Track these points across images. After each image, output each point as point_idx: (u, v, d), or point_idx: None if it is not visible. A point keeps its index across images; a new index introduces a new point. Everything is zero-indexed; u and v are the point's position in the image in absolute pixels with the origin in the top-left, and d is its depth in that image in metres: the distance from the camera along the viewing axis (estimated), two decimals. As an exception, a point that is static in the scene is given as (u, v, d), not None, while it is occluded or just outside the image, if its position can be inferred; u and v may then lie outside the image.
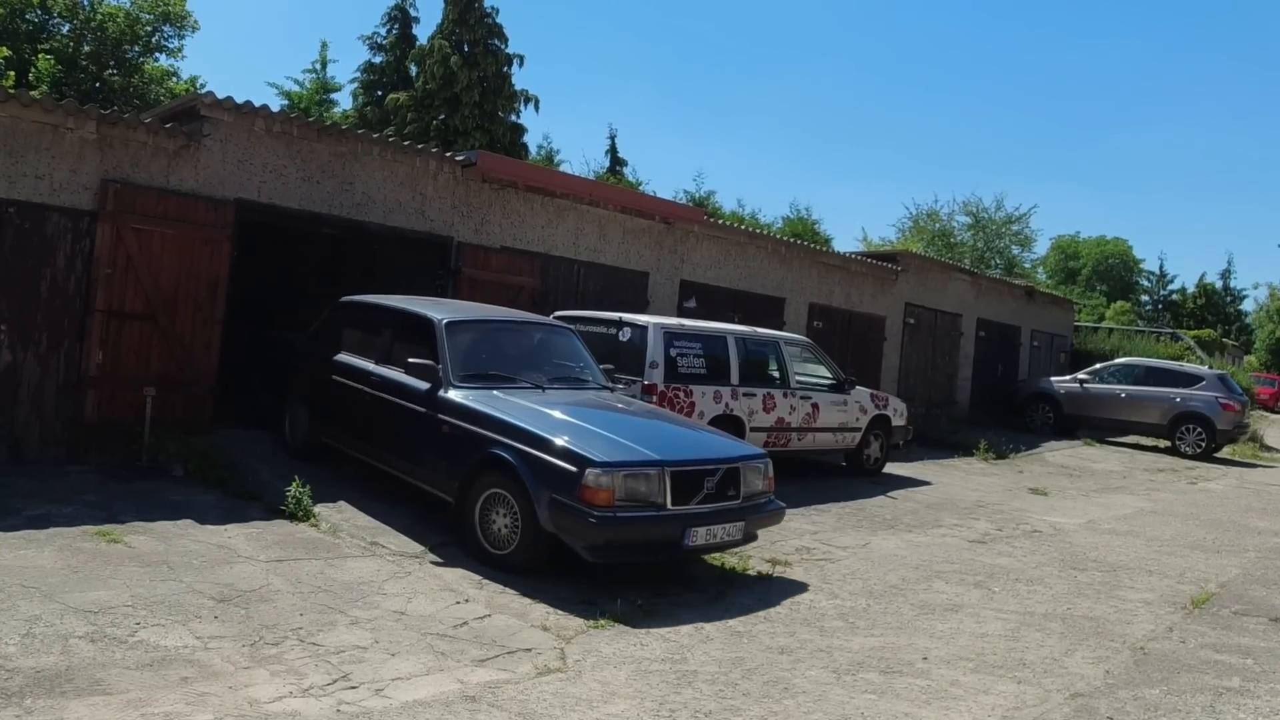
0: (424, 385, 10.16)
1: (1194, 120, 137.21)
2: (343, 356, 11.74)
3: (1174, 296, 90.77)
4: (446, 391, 9.94)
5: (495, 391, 10.03)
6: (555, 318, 14.45)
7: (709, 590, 9.08)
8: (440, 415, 9.86)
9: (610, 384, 11.57)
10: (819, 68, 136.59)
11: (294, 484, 10.39)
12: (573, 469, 8.54)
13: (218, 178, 12.66)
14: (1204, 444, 25.57)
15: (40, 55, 32.20)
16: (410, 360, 10.24)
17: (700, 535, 8.88)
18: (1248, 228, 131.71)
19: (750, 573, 9.81)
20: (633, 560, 8.94)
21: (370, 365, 11.18)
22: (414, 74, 46.60)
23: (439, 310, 11.02)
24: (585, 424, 9.42)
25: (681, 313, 18.45)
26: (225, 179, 12.72)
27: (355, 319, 12.23)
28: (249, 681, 5.98)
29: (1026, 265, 61.41)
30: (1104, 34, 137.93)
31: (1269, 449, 29.92)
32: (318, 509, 10.31)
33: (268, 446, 12.71)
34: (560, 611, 8.01)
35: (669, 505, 8.74)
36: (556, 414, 9.52)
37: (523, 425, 9.15)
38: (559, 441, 8.79)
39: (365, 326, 11.99)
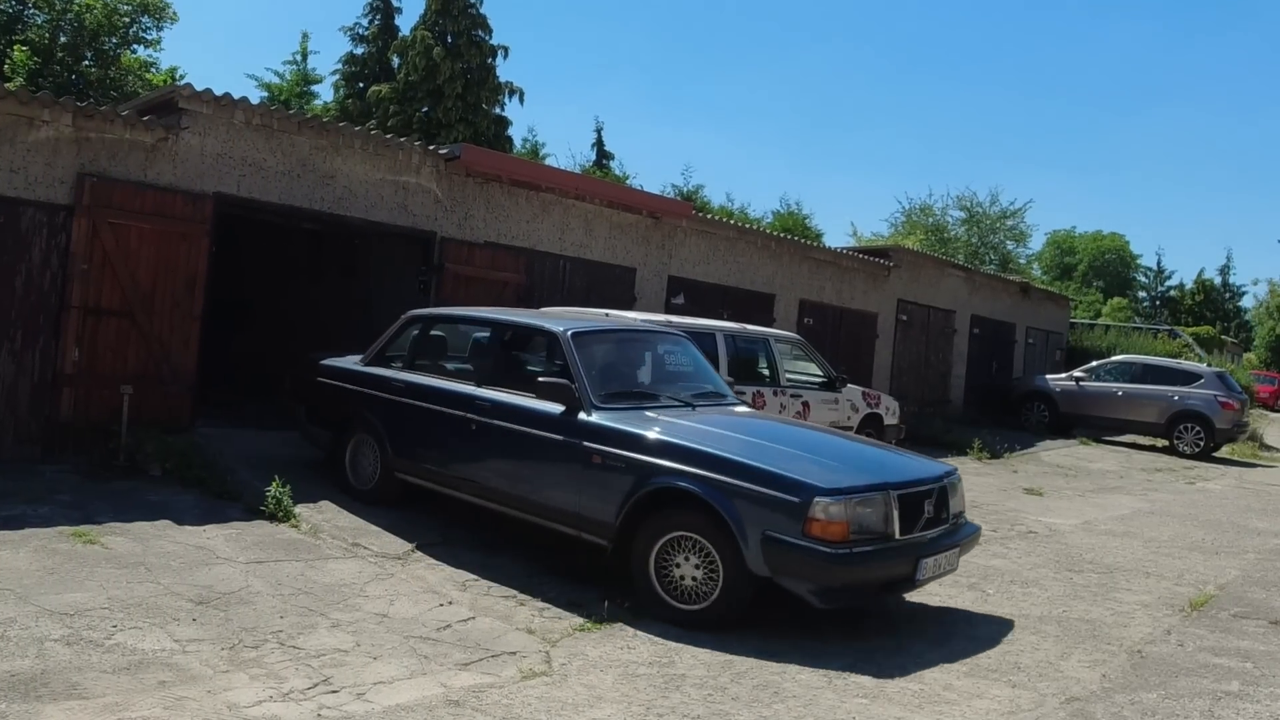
0: (555, 409, 8.92)
1: (1192, 112, 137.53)
2: (423, 379, 10.47)
3: (1172, 293, 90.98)
4: (590, 415, 8.73)
5: (646, 412, 9.03)
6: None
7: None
8: (586, 443, 8.59)
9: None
10: (809, 59, 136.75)
11: (274, 484, 10.38)
12: (794, 499, 7.50)
13: (196, 171, 12.63)
14: (1202, 443, 25.62)
15: (15, 47, 32.13)
16: (542, 380, 9.06)
17: (929, 567, 8.01)
18: (1247, 222, 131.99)
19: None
20: (859, 603, 8.24)
21: (469, 388, 9.87)
22: (396, 66, 46.52)
23: (555, 321, 9.93)
24: (776, 445, 8.48)
25: (669, 309, 18.43)
26: (204, 173, 12.69)
27: (433, 335, 11.18)
28: (228, 685, 5.97)
29: (1022, 261, 61.55)
30: (1101, 23, 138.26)
31: (1269, 448, 30.00)
32: (298, 509, 10.30)
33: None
34: (546, 614, 8.02)
35: (897, 535, 7.83)
36: (737, 435, 8.60)
37: (714, 451, 8.05)
38: (767, 468, 7.79)
39: (450, 343, 11.21)
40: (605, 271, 17.92)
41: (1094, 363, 28.84)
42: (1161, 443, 26.84)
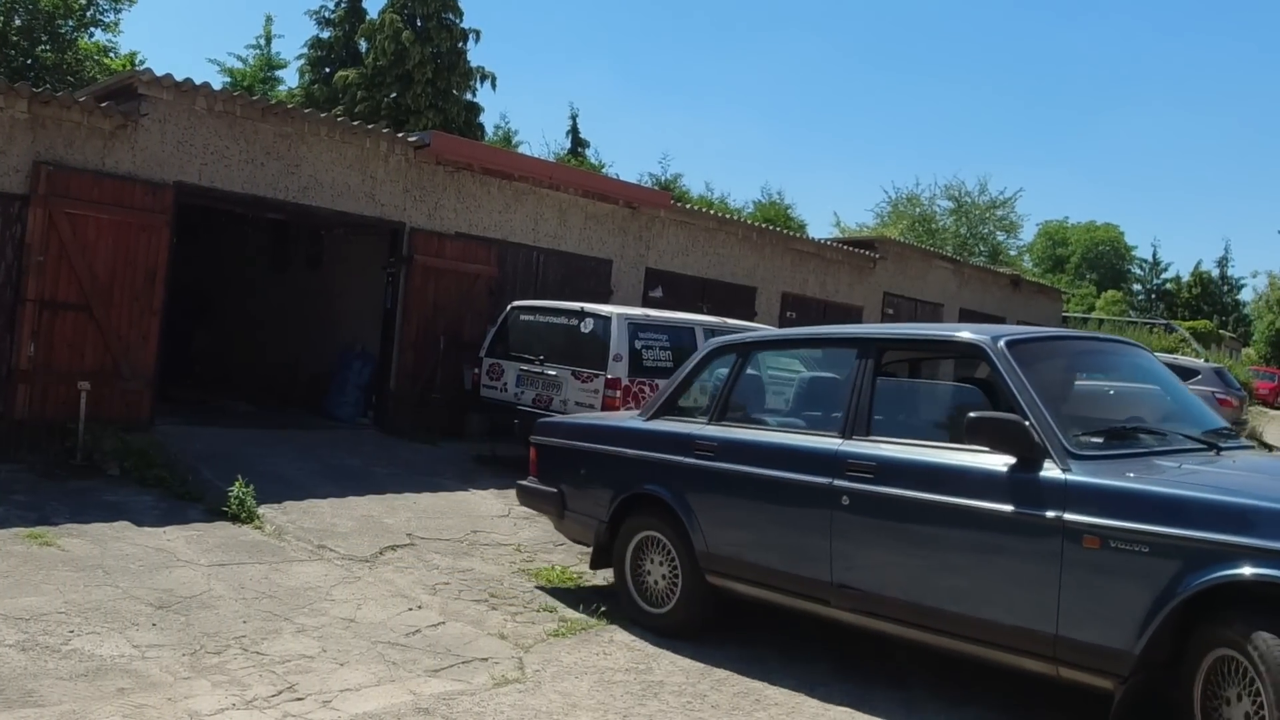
0: (995, 464, 6.09)
1: (1190, 100, 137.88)
2: (752, 434, 7.65)
3: (1168, 285, 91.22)
4: (1064, 468, 5.83)
5: (1156, 459, 6.27)
6: (512, 309, 14.48)
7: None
8: (1066, 515, 5.70)
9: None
10: (792, 44, 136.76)
11: (236, 484, 10.38)
12: None
13: (156, 160, 12.62)
14: (1199, 442, 25.59)
15: (-33, 30, 32.00)
16: (974, 418, 6.09)
17: None
18: (1246, 213, 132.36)
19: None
20: None
21: (830, 442, 7.00)
22: (364, 50, 46.35)
23: (968, 329, 7.05)
24: None
25: (647, 302, 18.48)
26: (164, 161, 12.68)
27: (754, 373, 8.46)
28: (189, 693, 5.97)
29: (1012, 253, 61.68)
30: (1095, 9, 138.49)
31: (1269, 446, 30.09)
32: (262, 510, 10.29)
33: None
34: (519, 619, 8.01)
35: None
36: None
37: None
38: None
39: (778, 383, 9.03)
40: (580, 263, 17.94)
41: (1086, 358, 28.82)
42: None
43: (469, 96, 46.04)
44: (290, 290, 19.21)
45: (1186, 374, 26.58)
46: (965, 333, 6.95)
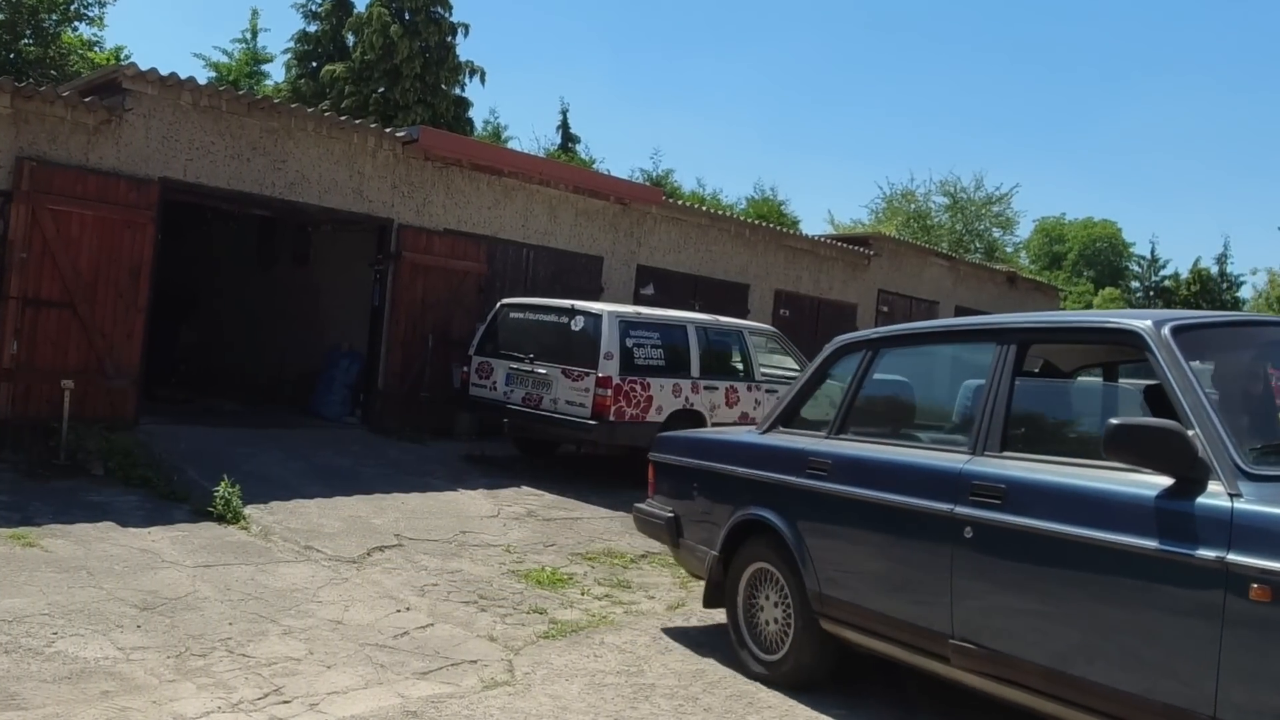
0: (1145, 486, 4.82)
1: (1189, 94, 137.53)
2: (870, 450, 6.54)
3: (1166, 283, 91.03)
4: (1236, 494, 4.49)
5: None
6: (502, 306, 14.48)
7: (669, 598, 9.10)
8: (1231, 556, 4.36)
9: None
10: (786, 38, 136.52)
11: (222, 483, 10.38)
12: None
13: (141, 155, 12.61)
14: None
15: (-52, 24, 31.90)
16: (1119, 425, 4.76)
17: None
18: (1246, 209, 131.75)
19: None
20: None
21: (952, 461, 5.86)
22: (351, 44, 46.25)
23: (1126, 315, 5.60)
24: None
25: (638, 300, 18.48)
26: (149, 156, 12.68)
27: (885, 377, 7.11)
28: (174, 695, 5.97)
29: (1008, 249, 61.67)
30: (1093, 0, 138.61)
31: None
32: (248, 510, 10.30)
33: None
34: (509, 620, 8.02)
35: None
36: None
37: None
38: None
39: (914, 390, 7.23)
40: (571, 260, 17.95)
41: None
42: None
43: (458, 91, 46.00)
44: (277, 288, 19.21)
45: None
46: (1122, 319, 5.52)
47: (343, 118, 15.21)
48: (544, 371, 13.60)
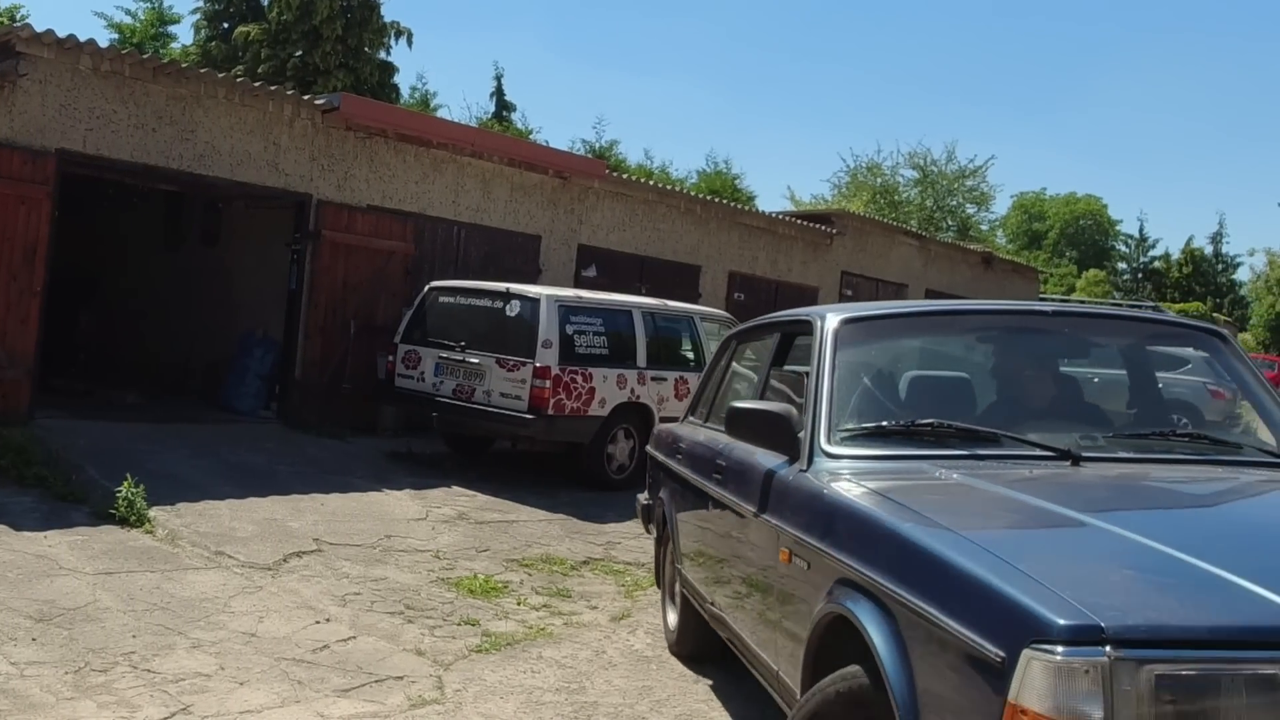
0: (771, 461, 5.48)
1: (1181, 57, 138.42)
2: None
3: (1156, 264, 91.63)
4: (804, 470, 5.10)
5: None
6: (430, 290, 14.50)
7: (613, 608, 9.17)
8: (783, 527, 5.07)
9: None
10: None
11: (125, 483, 10.37)
12: None
13: (36, 125, 12.57)
14: (1188, 436, 25.89)
15: None
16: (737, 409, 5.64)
17: None
18: (1242, 185, 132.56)
19: (651, 589, 9.87)
20: None
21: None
22: (266, 4, 46.11)
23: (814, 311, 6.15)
24: None
25: (579, 283, 18.53)
26: (45, 126, 12.64)
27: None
28: (73, 714, 6.00)
29: (984, 227, 61.98)
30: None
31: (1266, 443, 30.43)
32: (153, 513, 10.30)
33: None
34: (438, 632, 8.08)
35: None
36: None
37: None
38: None
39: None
40: (506, 239, 18.01)
41: (1063, 343, 29.07)
42: (1140, 435, 27.09)
43: (382, 55, 45.81)
44: (185, 270, 19.12)
45: (1175, 362, 26.88)
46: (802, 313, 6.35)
47: (257, 84, 15.22)
48: (476, 361, 13.62)
